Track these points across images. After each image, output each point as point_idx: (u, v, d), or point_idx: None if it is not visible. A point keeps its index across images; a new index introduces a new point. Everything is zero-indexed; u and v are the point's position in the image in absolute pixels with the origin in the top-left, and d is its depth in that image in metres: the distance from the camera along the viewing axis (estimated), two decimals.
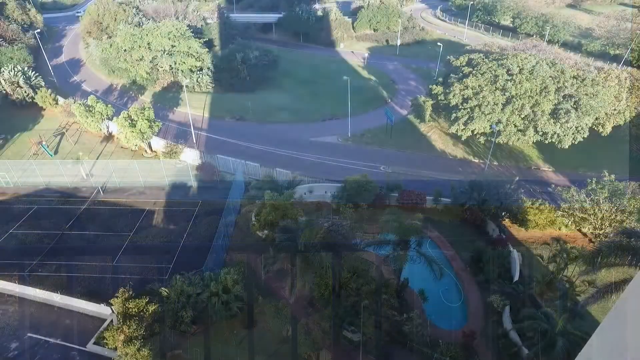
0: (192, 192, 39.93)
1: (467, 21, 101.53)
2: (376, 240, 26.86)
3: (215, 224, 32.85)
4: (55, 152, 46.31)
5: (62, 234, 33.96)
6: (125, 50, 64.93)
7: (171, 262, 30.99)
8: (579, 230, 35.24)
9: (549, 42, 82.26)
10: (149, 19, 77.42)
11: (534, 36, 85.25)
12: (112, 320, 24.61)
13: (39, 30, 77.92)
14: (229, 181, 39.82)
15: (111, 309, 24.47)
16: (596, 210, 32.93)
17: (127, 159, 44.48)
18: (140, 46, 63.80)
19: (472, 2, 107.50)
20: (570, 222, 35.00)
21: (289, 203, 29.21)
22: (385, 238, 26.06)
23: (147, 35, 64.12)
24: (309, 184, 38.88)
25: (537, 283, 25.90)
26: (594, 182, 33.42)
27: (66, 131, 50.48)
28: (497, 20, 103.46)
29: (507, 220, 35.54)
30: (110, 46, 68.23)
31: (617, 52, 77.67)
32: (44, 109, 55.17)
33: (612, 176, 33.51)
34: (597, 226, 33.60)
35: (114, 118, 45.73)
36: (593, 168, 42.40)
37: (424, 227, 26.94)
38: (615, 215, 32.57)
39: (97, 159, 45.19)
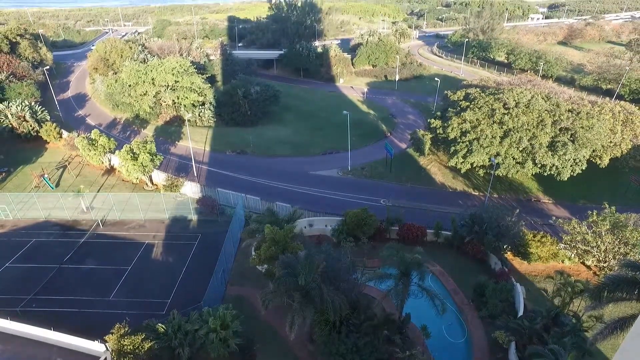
0: (192, 226, 39.75)
1: (463, 57, 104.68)
2: (377, 274, 26.45)
3: (215, 257, 32.48)
4: (57, 185, 46.49)
5: (59, 267, 33.52)
6: (129, 86, 66.52)
7: (169, 296, 30.43)
8: (583, 263, 34.80)
9: (543, 76, 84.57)
10: (154, 56, 79.84)
11: (529, 71, 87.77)
12: (106, 358, 23.86)
13: (48, 67, 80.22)
14: (229, 214, 39.71)
15: (105, 346, 23.77)
16: (599, 242, 32.64)
17: (127, 192, 44.57)
18: (144, 81, 65.41)
19: (467, 40, 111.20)
20: (573, 255, 34.61)
21: (289, 237, 28.99)
22: (386, 272, 25.68)
23: (151, 71, 65.88)
24: (309, 217, 38.77)
25: (543, 318, 25.27)
26: (594, 214, 33.32)
27: (68, 164, 50.91)
28: (492, 57, 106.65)
29: (509, 253, 35.17)
30: (115, 81, 69.99)
31: (609, 86, 79.77)
32: (48, 142, 55.93)
33: (613, 208, 33.45)
34: (600, 259, 33.20)
35: (116, 151, 46.21)
36: (593, 200, 42.47)
37: (425, 260, 26.53)
38: (619, 248, 32.25)
39: (98, 191, 45.30)
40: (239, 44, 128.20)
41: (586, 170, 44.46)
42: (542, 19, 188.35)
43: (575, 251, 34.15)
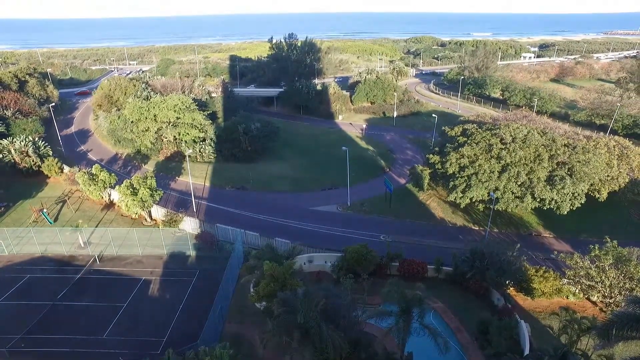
0: (190, 262, 39.27)
1: (459, 94, 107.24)
2: (378, 311, 25.87)
3: (213, 294, 31.87)
4: (55, 220, 46.31)
5: (53, 304, 32.80)
6: (132, 122, 67.67)
7: (165, 335, 29.62)
8: (588, 298, 34.16)
9: (538, 112, 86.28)
10: (157, 93, 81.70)
11: (523, 107, 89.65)
12: None
13: (53, 104, 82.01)
14: (228, 250, 39.32)
15: None
16: (603, 277, 32.19)
17: (126, 227, 44.34)
18: (146, 118, 66.59)
19: (462, 77, 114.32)
20: (577, 290, 34.03)
21: (288, 273, 28.61)
22: (387, 309, 25.15)
23: (153, 107, 67.23)
24: (309, 253, 38.38)
25: (550, 357, 24.46)
26: (596, 248, 33.05)
27: (68, 199, 50.92)
28: (487, 93, 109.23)
29: (511, 288, 34.58)
30: (118, 118, 71.26)
31: (602, 121, 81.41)
32: (49, 177, 56.20)
33: (615, 242, 33.22)
34: (606, 294, 32.61)
35: (116, 186, 46.38)
36: (594, 233, 42.22)
37: (427, 297, 26.05)
38: (624, 283, 31.76)
39: (96, 226, 45.06)
40: (240, 82, 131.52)
41: (586, 204, 44.49)
42: (534, 57, 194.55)
43: (579, 286, 33.60)
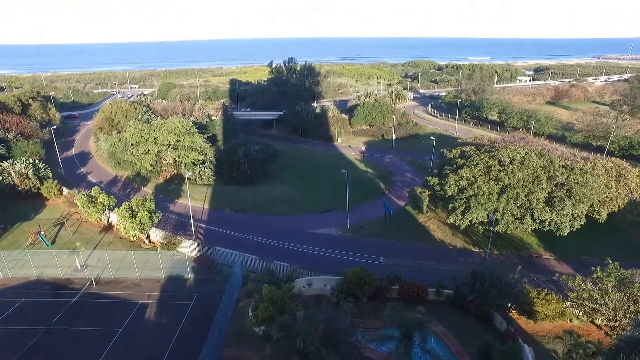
0: (188, 285, 38.78)
1: (457, 116, 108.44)
2: (378, 335, 25.42)
3: (211, 318, 31.34)
4: (53, 242, 45.96)
5: (47, 329, 32.17)
6: (132, 144, 68.08)
7: None
8: (592, 322, 33.63)
9: (535, 134, 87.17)
10: (158, 116, 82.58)
11: (521, 129, 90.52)
12: None
13: (55, 126, 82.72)
14: (227, 274, 38.92)
15: None
16: (606, 300, 31.79)
17: (124, 250, 43.99)
18: (147, 140, 67.07)
19: (460, 100, 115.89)
20: (581, 313, 33.54)
21: (287, 297, 28.24)
22: (387, 333, 24.72)
23: (154, 130, 67.81)
24: (308, 276, 37.98)
25: None
26: (598, 270, 32.77)
27: (66, 221, 50.70)
28: (484, 116, 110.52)
29: (514, 311, 34.09)
30: (118, 140, 71.74)
31: (599, 143, 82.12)
32: (48, 199, 56.10)
33: (617, 263, 32.96)
34: (610, 318, 32.13)
35: (115, 208, 46.27)
36: (595, 255, 41.98)
37: (428, 320, 25.65)
38: (629, 306, 31.33)
39: (93, 249, 44.70)
40: (240, 105, 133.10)
41: (586, 226, 44.39)
42: (530, 81, 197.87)
43: (583, 309, 33.13)
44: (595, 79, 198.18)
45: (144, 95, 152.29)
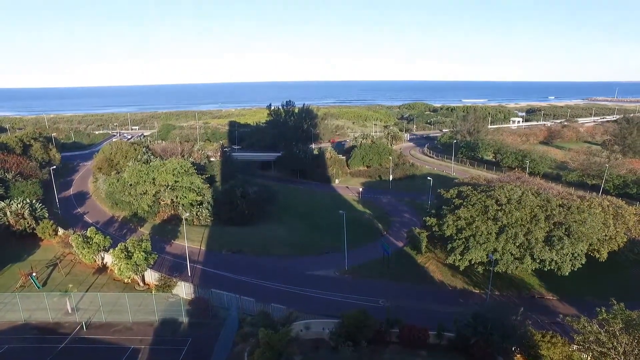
0: (182, 329, 37.62)
1: (453, 157, 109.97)
2: None
3: None
4: (44, 284, 44.94)
5: None
6: (130, 185, 68.27)
7: None
8: None
9: (530, 174, 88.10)
10: (157, 157, 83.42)
11: (516, 169, 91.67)
12: None
13: (54, 166, 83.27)
14: (222, 317, 37.90)
15: None
16: (615, 343, 30.83)
17: (117, 292, 42.98)
18: (145, 181, 67.31)
19: (455, 141, 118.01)
20: (589, 358, 32.40)
21: (284, 341, 27.42)
22: None
23: (153, 171, 68.22)
24: (306, 320, 36.98)
25: None
26: (603, 311, 32.02)
27: (60, 262, 49.82)
28: (480, 156, 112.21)
29: (518, 355, 32.98)
30: (117, 181, 71.99)
31: (594, 182, 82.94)
32: (42, 240, 55.43)
33: (622, 304, 32.28)
34: None
35: (111, 249, 45.69)
36: (599, 295, 41.19)
37: None
38: (639, 350, 30.35)
39: (86, 291, 43.66)
40: (239, 147, 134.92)
41: (587, 265, 43.97)
42: (523, 122, 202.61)
43: (591, 353, 32.03)
44: (584, 120, 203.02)
45: (144, 136, 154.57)
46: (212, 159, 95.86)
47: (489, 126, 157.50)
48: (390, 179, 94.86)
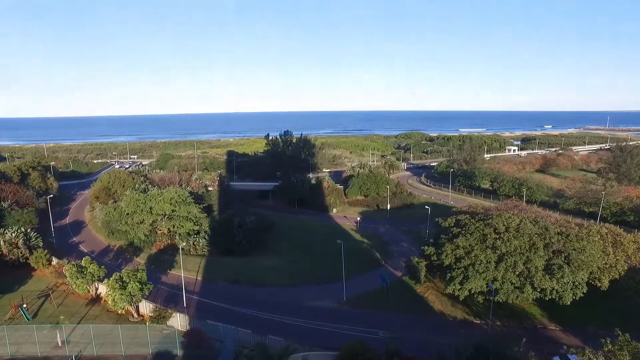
0: None
1: (450, 186, 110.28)
2: None
3: None
4: (34, 316, 43.78)
5: None
6: (127, 214, 67.93)
7: None
8: None
9: (528, 202, 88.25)
10: (155, 186, 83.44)
11: (513, 197, 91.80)
12: None
13: (51, 195, 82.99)
14: (217, 349, 36.89)
15: None
16: None
17: (110, 324, 41.90)
18: (142, 210, 67.05)
19: (452, 170, 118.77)
20: None
21: None
22: None
23: (150, 200, 68.11)
24: (303, 352, 36.04)
25: None
26: (609, 342, 31.36)
27: (52, 293, 48.75)
28: (477, 184, 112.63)
29: None
30: (114, 210, 71.70)
31: (591, 209, 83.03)
32: (35, 270, 54.48)
33: (627, 335, 31.66)
34: None
35: (105, 279, 44.92)
36: (603, 325, 40.49)
37: None
38: None
39: (78, 323, 42.53)
40: (237, 176, 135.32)
41: (589, 294, 43.43)
42: (518, 150, 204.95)
43: None
44: (579, 149, 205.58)
45: (143, 165, 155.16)
46: (209, 189, 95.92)
47: (485, 155, 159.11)
48: (388, 208, 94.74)
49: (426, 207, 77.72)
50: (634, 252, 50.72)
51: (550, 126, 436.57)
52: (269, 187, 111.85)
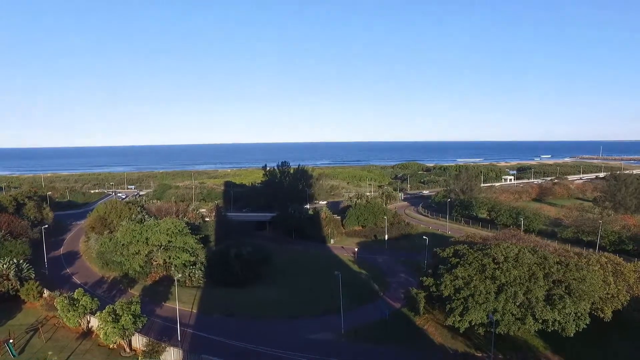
0: None
1: (447, 215, 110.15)
2: None
3: None
4: (21, 352, 42.29)
5: None
6: (123, 245, 67.19)
7: None
8: None
9: (525, 231, 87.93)
10: (152, 216, 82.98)
11: (511, 226, 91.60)
12: None
13: (46, 225, 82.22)
14: None
15: None
16: None
17: (101, 359, 40.61)
18: (138, 241, 66.35)
19: (449, 199, 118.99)
20: None
21: None
22: None
23: (146, 230, 67.51)
24: None
25: None
26: None
27: (41, 326, 47.40)
28: (474, 214, 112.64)
29: None
30: (109, 240, 70.99)
31: (589, 238, 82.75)
32: (25, 302, 53.19)
33: None
34: None
35: (97, 312, 43.88)
36: (609, 357, 39.62)
37: None
38: None
39: (67, 358, 41.19)
40: (234, 207, 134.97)
41: (593, 325, 42.61)
42: (514, 179, 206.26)
43: None
44: (574, 178, 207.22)
45: (140, 195, 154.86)
46: (207, 219, 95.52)
47: (481, 184, 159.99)
48: (386, 238, 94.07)
49: (424, 237, 77.30)
50: (635, 282, 50.16)
51: (550, 155, 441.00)
52: (267, 217, 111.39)
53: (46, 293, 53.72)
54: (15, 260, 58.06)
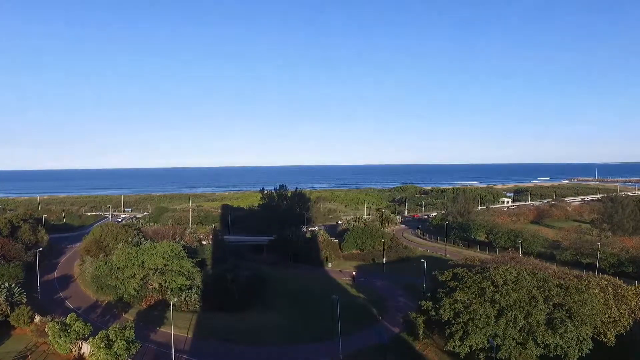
0: None
1: (445, 238, 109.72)
2: None
3: None
4: None
5: None
6: (118, 268, 66.30)
7: None
8: None
9: (524, 253, 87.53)
10: (148, 239, 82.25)
11: (509, 249, 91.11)
12: None
13: (40, 248, 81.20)
14: None
15: None
16: None
17: None
18: (134, 264, 65.52)
19: (447, 222, 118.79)
20: None
21: None
22: None
23: (142, 254, 66.75)
24: None
25: None
26: None
27: (30, 353, 46.10)
28: (473, 237, 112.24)
29: None
30: (104, 264, 70.07)
31: (588, 260, 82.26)
32: (15, 328, 51.93)
33: None
34: None
35: (90, 338, 42.87)
36: None
37: None
38: None
39: None
40: (231, 230, 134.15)
41: (596, 350, 41.85)
42: (512, 202, 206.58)
43: None
44: (571, 200, 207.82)
45: (137, 218, 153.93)
46: (204, 242, 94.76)
47: (479, 207, 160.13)
48: (384, 261, 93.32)
49: (422, 260, 76.70)
50: (637, 305, 49.61)
51: (548, 178, 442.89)
52: (264, 241, 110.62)
53: (37, 318, 52.53)
54: (6, 285, 57.08)
